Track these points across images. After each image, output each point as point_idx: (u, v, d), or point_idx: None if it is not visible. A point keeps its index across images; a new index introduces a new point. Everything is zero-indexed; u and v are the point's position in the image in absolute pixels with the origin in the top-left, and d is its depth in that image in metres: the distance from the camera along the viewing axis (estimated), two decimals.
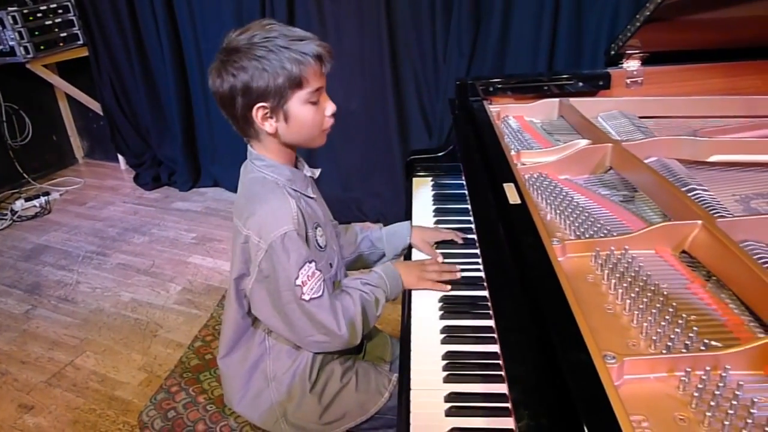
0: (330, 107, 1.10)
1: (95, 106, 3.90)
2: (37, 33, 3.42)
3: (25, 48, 3.38)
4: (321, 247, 1.14)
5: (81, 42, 3.66)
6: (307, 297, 1.05)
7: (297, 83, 1.02)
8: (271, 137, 1.08)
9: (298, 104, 1.04)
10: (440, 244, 1.36)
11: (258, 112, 1.04)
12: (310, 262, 1.05)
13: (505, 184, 1.08)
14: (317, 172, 1.23)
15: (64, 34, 3.58)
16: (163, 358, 2.18)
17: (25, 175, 3.81)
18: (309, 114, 1.06)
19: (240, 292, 1.14)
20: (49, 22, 3.49)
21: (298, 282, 1.04)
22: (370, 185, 3.12)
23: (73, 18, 3.60)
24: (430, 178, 1.70)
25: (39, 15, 3.43)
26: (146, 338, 2.31)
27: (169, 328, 2.37)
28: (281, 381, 1.15)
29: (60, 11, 3.54)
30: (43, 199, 3.58)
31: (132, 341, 2.30)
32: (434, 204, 1.56)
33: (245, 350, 1.18)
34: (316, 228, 1.13)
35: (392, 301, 1.22)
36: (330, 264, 1.17)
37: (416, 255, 1.36)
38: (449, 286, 1.19)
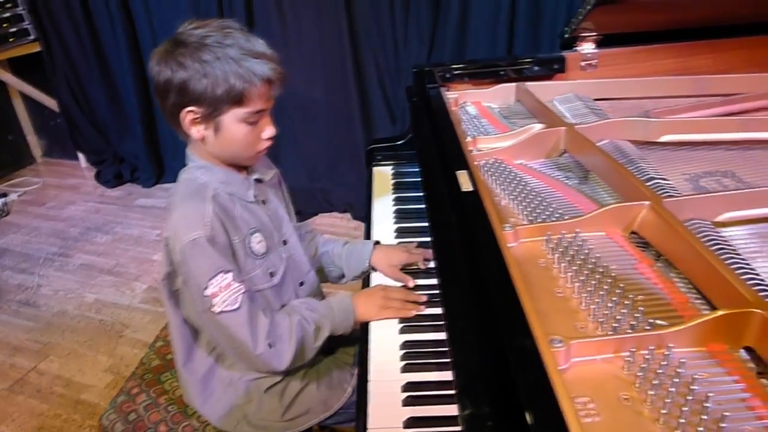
0: (269, 131, 1.05)
1: (51, 103, 3.78)
2: None
3: None
4: (256, 254, 1.08)
5: (32, 37, 3.54)
6: (217, 309, 0.98)
7: (237, 100, 0.97)
8: (200, 141, 1.04)
9: (232, 120, 1.00)
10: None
11: (187, 115, 1.00)
12: (226, 272, 0.99)
13: (457, 172, 1.08)
14: (270, 174, 1.19)
15: (14, 29, 3.46)
16: (130, 359, 2.15)
17: None
18: (242, 133, 1.01)
19: (172, 294, 1.11)
20: None
21: (207, 293, 0.98)
22: (336, 174, 3.10)
23: (22, 12, 3.48)
24: (391, 167, 1.70)
25: None
26: (112, 339, 2.27)
27: (136, 327, 2.33)
28: (238, 386, 1.14)
29: (8, 5, 3.41)
30: (0, 200, 3.48)
31: (97, 343, 2.26)
32: (394, 192, 1.55)
33: (198, 359, 1.15)
34: (252, 234, 1.08)
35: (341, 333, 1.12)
36: (271, 273, 1.11)
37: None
38: (413, 313, 1.09)
